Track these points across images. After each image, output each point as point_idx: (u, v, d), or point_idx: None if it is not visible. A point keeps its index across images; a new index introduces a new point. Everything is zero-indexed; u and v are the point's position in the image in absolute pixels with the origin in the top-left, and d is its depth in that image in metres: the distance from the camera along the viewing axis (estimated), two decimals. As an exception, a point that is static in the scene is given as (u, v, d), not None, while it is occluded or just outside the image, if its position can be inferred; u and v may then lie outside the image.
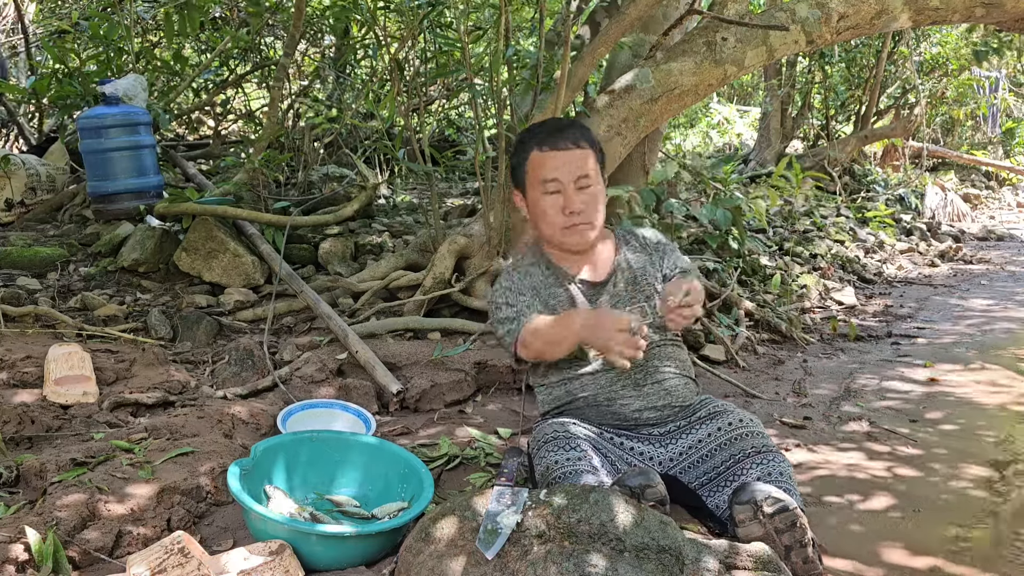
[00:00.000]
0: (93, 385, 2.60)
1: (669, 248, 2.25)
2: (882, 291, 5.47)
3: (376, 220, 4.78)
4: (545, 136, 2.12)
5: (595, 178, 2.12)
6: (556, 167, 2.08)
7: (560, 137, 2.11)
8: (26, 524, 1.72)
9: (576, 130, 2.15)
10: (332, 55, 6.83)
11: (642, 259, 2.21)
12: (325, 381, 2.86)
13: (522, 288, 2.17)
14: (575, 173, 2.08)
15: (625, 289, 2.16)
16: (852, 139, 8.87)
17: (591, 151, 2.13)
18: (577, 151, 2.10)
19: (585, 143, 2.12)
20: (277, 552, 1.63)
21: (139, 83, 4.44)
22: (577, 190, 2.09)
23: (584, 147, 2.11)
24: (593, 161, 2.12)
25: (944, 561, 1.91)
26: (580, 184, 2.09)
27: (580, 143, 2.11)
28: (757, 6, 7.24)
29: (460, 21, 3.45)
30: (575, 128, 2.16)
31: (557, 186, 2.08)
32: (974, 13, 3.88)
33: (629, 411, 2.07)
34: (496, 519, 1.55)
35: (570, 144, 2.10)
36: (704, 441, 2.00)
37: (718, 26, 3.63)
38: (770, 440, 1.98)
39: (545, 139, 2.11)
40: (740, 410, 2.05)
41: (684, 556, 1.50)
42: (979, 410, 3.04)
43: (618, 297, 2.15)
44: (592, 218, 2.11)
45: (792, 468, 1.94)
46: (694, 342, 3.61)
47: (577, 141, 2.11)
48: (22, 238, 4.21)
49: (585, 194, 2.09)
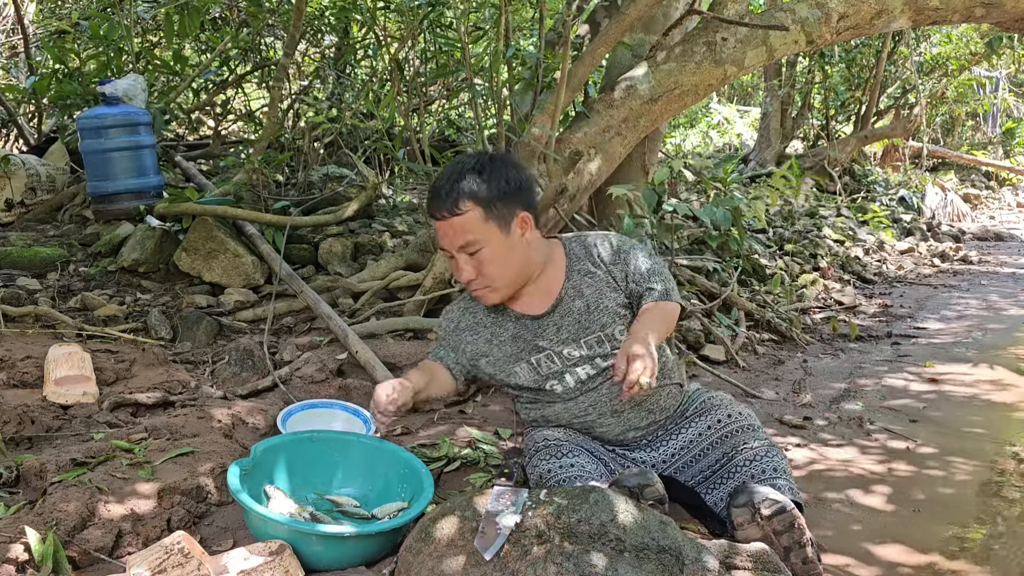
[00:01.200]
0: (93, 385, 2.60)
1: (629, 254, 2.01)
2: (882, 291, 5.47)
3: (376, 220, 4.78)
4: (429, 200, 1.93)
5: (486, 239, 1.88)
6: (441, 237, 1.93)
7: (435, 204, 1.90)
8: (26, 524, 1.72)
9: (453, 193, 1.87)
10: (332, 55, 6.83)
11: (596, 282, 2.00)
12: (325, 381, 2.86)
13: (461, 327, 2.09)
14: (456, 242, 1.90)
15: (576, 320, 1.98)
16: (852, 139, 8.88)
17: (475, 211, 1.86)
18: (455, 219, 1.87)
19: (465, 204, 1.86)
20: (277, 552, 1.63)
21: (139, 83, 4.44)
22: (467, 255, 1.91)
23: (462, 211, 1.86)
24: (479, 221, 1.87)
25: (941, 558, 1.91)
26: (467, 250, 1.90)
27: (457, 208, 1.86)
28: (757, 6, 7.24)
29: (460, 21, 3.45)
30: (453, 190, 1.87)
31: (448, 253, 1.95)
32: (974, 13, 3.88)
33: (611, 435, 2.03)
34: (495, 519, 1.55)
35: (444, 212, 1.88)
36: (696, 440, 1.99)
37: (718, 26, 3.63)
38: (762, 432, 1.97)
39: (429, 205, 1.93)
40: (729, 401, 2.03)
41: (684, 556, 1.50)
42: (979, 410, 3.04)
43: (565, 331, 1.98)
44: (490, 281, 1.93)
45: (787, 460, 1.94)
46: (694, 342, 3.61)
47: (453, 207, 1.86)
48: (22, 238, 4.21)
49: (475, 259, 1.90)
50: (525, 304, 2.02)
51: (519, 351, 2.01)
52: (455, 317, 2.11)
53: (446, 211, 1.87)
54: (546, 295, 2.00)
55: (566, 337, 1.98)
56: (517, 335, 2.02)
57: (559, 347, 1.98)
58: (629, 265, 1.99)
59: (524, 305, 2.02)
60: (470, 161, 1.93)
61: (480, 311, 2.07)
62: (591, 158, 3.52)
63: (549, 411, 2.04)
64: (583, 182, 3.53)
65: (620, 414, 2.00)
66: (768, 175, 7.38)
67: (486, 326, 2.06)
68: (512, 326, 2.03)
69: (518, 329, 2.02)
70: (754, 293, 4.44)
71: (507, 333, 2.03)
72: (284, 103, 5.65)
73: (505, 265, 1.93)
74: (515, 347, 2.01)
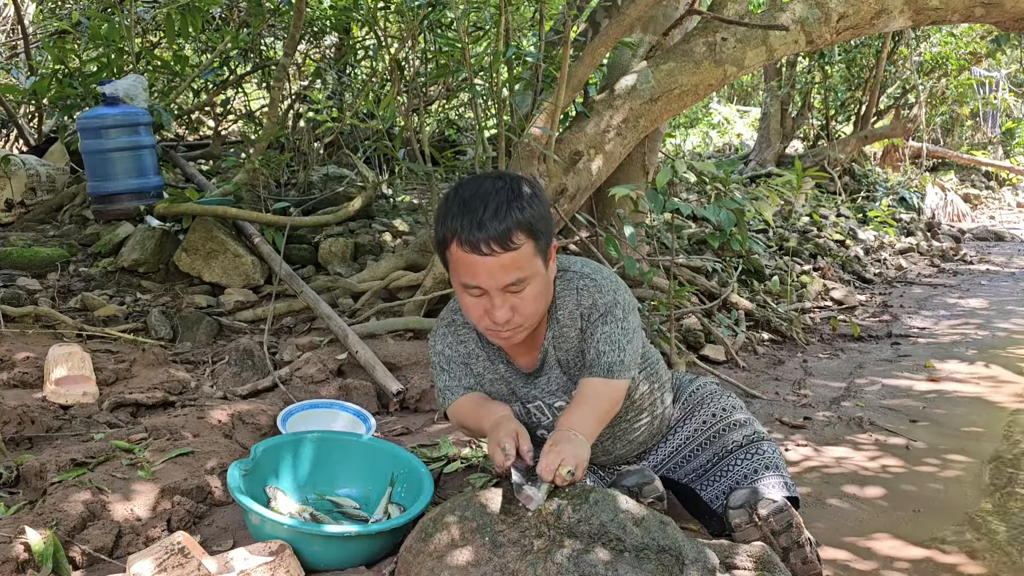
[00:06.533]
0: (93, 385, 2.60)
1: (601, 318, 1.74)
2: (882, 291, 5.47)
3: (376, 220, 4.78)
4: (467, 229, 1.57)
5: (533, 274, 1.62)
6: (477, 274, 1.60)
7: (483, 236, 1.56)
8: (26, 524, 1.72)
9: (506, 223, 1.56)
10: (332, 55, 6.83)
11: (572, 336, 1.80)
12: (325, 381, 2.86)
13: (455, 358, 1.88)
14: (503, 281, 1.60)
15: (564, 372, 1.85)
16: (852, 139, 8.88)
17: (527, 244, 1.59)
18: (505, 256, 1.57)
19: (519, 237, 1.58)
20: (277, 552, 1.63)
21: (139, 83, 4.44)
22: (507, 294, 1.63)
23: (515, 246, 1.57)
24: (530, 255, 1.61)
25: (937, 554, 1.93)
26: (510, 290, 1.62)
27: (510, 242, 1.57)
28: (757, 6, 7.24)
29: (460, 21, 3.45)
30: (506, 218, 1.56)
31: (480, 291, 1.63)
32: (973, 13, 3.88)
33: (600, 462, 2.02)
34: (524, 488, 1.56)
35: (496, 248, 1.56)
36: (687, 441, 1.99)
37: (718, 26, 3.63)
38: (753, 426, 1.96)
39: (466, 234, 1.57)
40: (718, 395, 2.02)
41: (684, 556, 1.50)
42: (978, 409, 3.04)
43: (555, 383, 1.86)
44: (523, 322, 1.67)
45: (781, 452, 1.94)
46: (694, 342, 3.61)
47: (506, 241, 1.56)
48: (22, 238, 4.21)
49: (517, 297, 1.63)
50: (515, 352, 1.84)
51: (511, 394, 1.91)
52: (450, 347, 1.89)
53: (497, 246, 1.56)
54: (533, 343, 1.82)
55: (555, 388, 1.86)
56: (510, 380, 1.88)
57: (550, 399, 1.88)
58: (598, 330, 1.74)
59: (514, 352, 1.85)
60: (499, 184, 1.63)
61: (472, 342, 1.87)
62: (591, 158, 3.52)
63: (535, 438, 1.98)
64: (583, 182, 3.53)
65: (610, 453, 1.99)
66: (768, 175, 7.39)
67: (479, 358, 1.88)
68: (504, 369, 1.88)
69: (510, 375, 1.88)
70: (754, 293, 4.44)
71: (499, 372, 1.88)
72: (284, 103, 5.65)
73: (542, 302, 1.69)
74: (508, 389, 1.90)
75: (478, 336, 1.86)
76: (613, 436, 1.95)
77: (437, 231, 1.66)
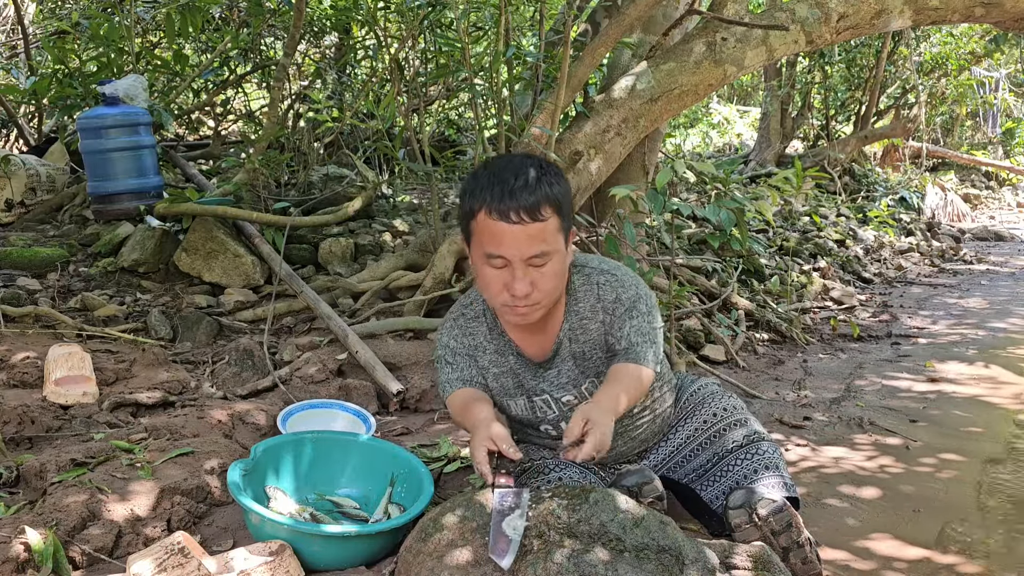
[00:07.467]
0: (93, 385, 2.60)
1: (627, 312, 1.79)
2: (882, 291, 5.47)
3: (376, 220, 4.78)
4: (497, 197, 1.63)
5: (555, 250, 1.67)
6: (503, 243, 1.64)
7: (514, 204, 1.62)
8: (26, 524, 1.72)
9: (537, 194, 1.63)
10: (332, 55, 6.83)
11: (592, 328, 1.83)
12: (325, 381, 2.86)
13: (460, 350, 1.88)
14: (527, 252, 1.64)
15: (576, 365, 1.86)
16: (852, 139, 8.88)
17: (553, 218, 1.66)
18: (533, 226, 1.63)
19: (547, 210, 1.64)
20: (277, 552, 1.63)
21: (139, 83, 4.44)
22: (529, 267, 1.66)
23: (543, 217, 1.63)
24: (554, 231, 1.67)
25: (936, 553, 1.93)
26: (533, 263, 1.66)
27: (539, 213, 1.63)
28: (757, 6, 7.25)
29: (460, 21, 3.45)
30: (536, 190, 1.63)
31: (503, 262, 1.66)
32: (974, 13, 3.88)
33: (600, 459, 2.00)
34: (503, 524, 1.52)
35: (525, 217, 1.62)
36: (687, 441, 1.99)
37: (718, 26, 3.63)
38: (752, 425, 1.95)
39: (496, 202, 1.63)
40: (719, 395, 2.01)
41: (684, 556, 1.50)
42: (978, 409, 3.04)
43: (565, 376, 1.87)
44: (541, 298, 1.70)
45: (780, 452, 1.94)
46: (694, 342, 3.61)
47: (535, 211, 1.62)
48: (22, 238, 4.21)
49: (538, 272, 1.67)
50: (526, 342, 1.86)
51: (518, 387, 1.90)
52: (456, 339, 1.90)
53: (526, 215, 1.62)
54: (550, 336, 1.84)
55: (565, 382, 1.87)
56: (518, 372, 1.89)
57: (558, 393, 1.88)
58: (627, 323, 1.79)
59: (525, 343, 1.87)
60: (529, 161, 1.70)
61: (480, 335, 1.89)
62: (591, 158, 3.52)
63: (538, 441, 2.00)
64: (583, 182, 3.53)
65: (611, 449, 1.93)
66: (768, 175, 7.39)
67: (487, 351, 1.89)
68: (513, 360, 1.88)
69: (519, 367, 1.88)
70: (754, 293, 4.44)
71: (507, 365, 1.89)
72: (284, 103, 5.65)
73: (560, 281, 1.74)
74: (515, 382, 1.90)
75: (487, 329, 1.89)
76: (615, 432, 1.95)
77: (463, 204, 1.71)
